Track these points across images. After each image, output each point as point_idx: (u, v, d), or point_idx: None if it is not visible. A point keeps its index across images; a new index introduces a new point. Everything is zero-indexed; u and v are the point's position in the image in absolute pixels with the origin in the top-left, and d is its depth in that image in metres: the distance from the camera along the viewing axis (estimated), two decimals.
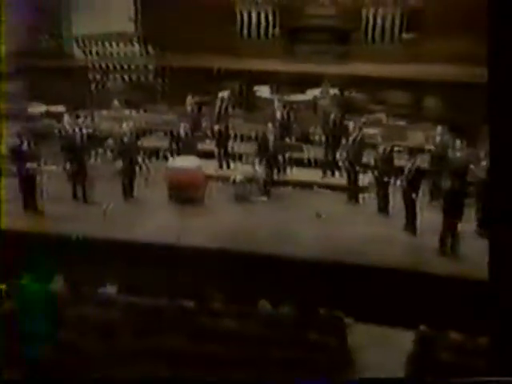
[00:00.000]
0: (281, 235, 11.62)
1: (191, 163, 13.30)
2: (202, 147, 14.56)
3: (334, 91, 15.97)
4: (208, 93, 15.92)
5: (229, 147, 14.64)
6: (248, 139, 15.05)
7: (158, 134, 15.79)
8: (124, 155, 13.13)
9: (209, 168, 13.81)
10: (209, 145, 14.80)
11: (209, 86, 16.29)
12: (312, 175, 14.02)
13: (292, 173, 14.03)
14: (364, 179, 13.16)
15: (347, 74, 16.73)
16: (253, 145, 14.09)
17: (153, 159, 14.31)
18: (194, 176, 13.16)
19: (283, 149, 13.79)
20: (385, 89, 16.41)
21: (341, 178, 13.57)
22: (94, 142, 14.41)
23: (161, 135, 15.58)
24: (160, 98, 17.45)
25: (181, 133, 13.78)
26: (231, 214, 12.55)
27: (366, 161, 12.97)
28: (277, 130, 13.64)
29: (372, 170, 12.75)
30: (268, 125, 13.55)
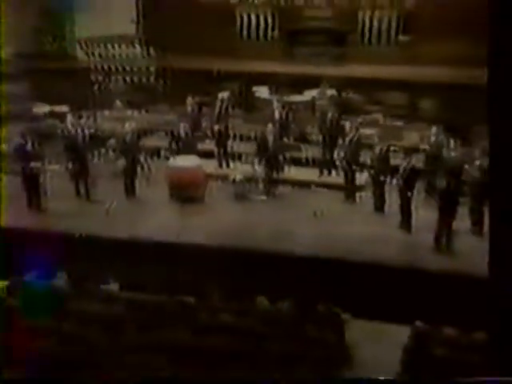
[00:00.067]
0: (279, 233, 11.62)
1: (192, 162, 13.28)
2: (202, 147, 14.55)
3: (332, 92, 15.97)
4: (208, 93, 15.93)
5: (228, 147, 14.63)
6: (247, 139, 15.07)
7: (159, 134, 15.78)
8: (126, 155, 13.12)
9: (209, 167, 13.80)
10: (209, 144, 14.79)
11: (209, 87, 16.30)
12: (310, 174, 14.02)
13: (290, 172, 14.02)
14: (361, 178, 13.16)
15: (344, 76, 16.74)
16: (252, 144, 14.10)
17: (154, 158, 14.31)
18: (195, 175, 13.16)
19: (282, 148, 13.79)
20: (381, 90, 16.42)
21: (338, 177, 13.57)
22: (97, 142, 14.41)
23: (162, 135, 15.57)
24: (161, 99, 17.45)
25: (181, 133, 13.78)
26: (231, 213, 12.55)
27: (363, 160, 12.98)
28: (276, 130, 13.64)
29: (368, 170, 12.75)
30: (268, 125, 13.55)
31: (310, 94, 16.19)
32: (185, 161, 13.28)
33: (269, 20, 18.76)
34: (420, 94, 16.18)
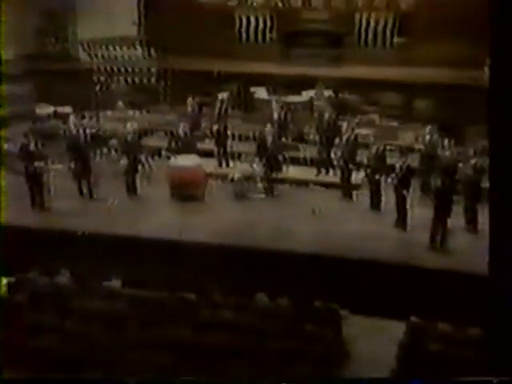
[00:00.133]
0: (278, 231, 11.62)
1: (192, 162, 13.29)
2: (202, 146, 14.55)
3: (329, 93, 15.97)
4: (208, 94, 15.94)
5: (228, 146, 14.62)
6: (246, 139, 15.08)
7: (160, 134, 15.77)
8: (128, 154, 13.13)
9: (209, 166, 13.80)
10: (209, 144, 14.78)
11: (209, 88, 16.30)
12: (308, 173, 14.03)
13: (288, 171, 14.01)
14: (357, 177, 13.16)
15: (341, 77, 16.72)
16: (251, 144, 14.11)
17: (155, 158, 14.29)
18: (195, 174, 13.16)
19: (281, 148, 13.79)
20: (377, 91, 16.42)
21: (335, 176, 13.56)
22: (99, 142, 14.42)
23: (163, 135, 15.55)
24: (162, 100, 17.45)
25: (181, 132, 13.78)
26: (230, 211, 12.55)
27: (359, 159, 12.98)
28: (275, 130, 13.65)
29: (365, 169, 12.75)
30: (267, 125, 13.58)
31: (308, 95, 16.19)
32: (185, 160, 13.28)
33: (267, 22, 18.75)
34: (415, 95, 16.17)
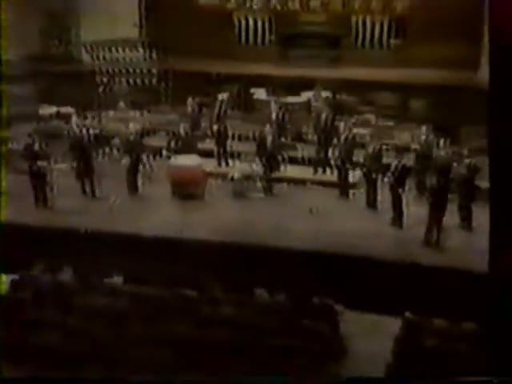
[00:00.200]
0: (276, 229, 11.60)
1: (192, 161, 13.28)
2: (203, 146, 14.54)
3: (326, 94, 15.96)
4: (208, 95, 15.92)
5: (227, 146, 14.61)
6: (245, 139, 15.07)
7: (161, 134, 15.76)
8: (130, 154, 13.12)
9: (209, 166, 13.78)
10: (209, 144, 14.77)
11: (209, 89, 16.29)
12: (305, 172, 14.01)
13: (287, 170, 14.00)
14: (354, 176, 13.15)
15: (338, 78, 16.72)
16: (250, 144, 14.10)
17: (156, 157, 14.28)
18: (195, 173, 13.14)
19: (280, 148, 13.78)
20: (373, 91, 16.43)
21: (332, 175, 13.55)
22: (101, 142, 14.40)
23: (164, 135, 15.54)
24: (163, 100, 17.45)
25: (181, 132, 13.77)
26: (230, 209, 12.54)
27: (356, 159, 12.97)
28: (274, 131, 13.65)
29: (361, 168, 12.75)
30: (266, 125, 13.58)
31: (306, 96, 16.18)
32: (186, 160, 13.27)
33: (266, 24, 18.75)
34: (411, 96, 16.19)
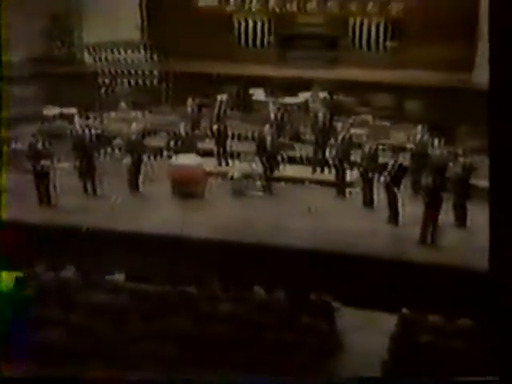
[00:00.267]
0: (275, 227, 11.60)
1: (192, 161, 13.29)
2: (203, 146, 14.53)
3: (324, 94, 15.95)
4: (208, 95, 15.90)
5: (227, 146, 14.61)
6: (245, 138, 15.07)
7: (162, 134, 15.75)
8: (131, 153, 13.12)
9: (209, 165, 13.78)
10: (209, 144, 14.77)
11: (208, 90, 16.26)
12: (303, 172, 14.01)
13: (285, 169, 14.00)
14: (351, 175, 13.15)
15: (336, 79, 16.71)
16: (250, 144, 14.11)
17: (157, 157, 14.28)
18: (195, 173, 13.15)
19: (279, 148, 13.79)
20: (370, 92, 16.41)
21: (329, 175, 13.55)
22: (103, 141, 14.40)
23: (164, 135, 15.53)
24: (164, 101, 17.43)
25: (181, 132, 13.78)
26: (229, 208, 12.54)
27: (353, 158, 12.97)
28: (273, 131, 13.65)
29: (358, 167, 12.75)
30: (265, 126, 13.59)
31: (304, 96, 16.17)
32: (186, 159, 13.28)
33: (265, 26, 18.74)
34: (406, 96, 16.17)
